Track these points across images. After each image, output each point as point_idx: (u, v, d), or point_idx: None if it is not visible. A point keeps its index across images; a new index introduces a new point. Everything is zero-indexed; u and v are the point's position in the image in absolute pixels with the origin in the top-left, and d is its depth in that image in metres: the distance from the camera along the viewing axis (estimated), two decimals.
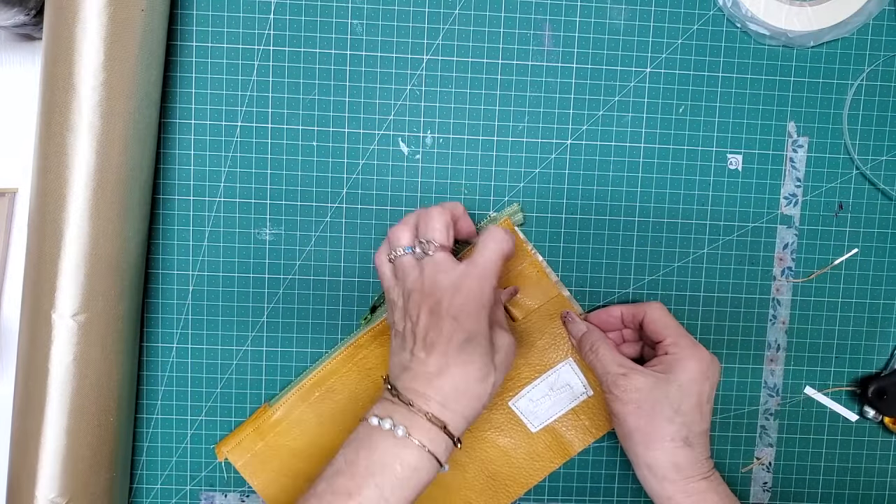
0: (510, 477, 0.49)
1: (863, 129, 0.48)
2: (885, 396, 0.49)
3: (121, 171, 0.41)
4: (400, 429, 0.36)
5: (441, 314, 0.37)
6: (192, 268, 0.48)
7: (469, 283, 0.38)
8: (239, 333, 0.48)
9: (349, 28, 0.46)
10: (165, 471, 0.49)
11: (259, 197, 0.47)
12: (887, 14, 0.48)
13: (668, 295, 0.49)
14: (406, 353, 0.39)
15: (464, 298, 0.38)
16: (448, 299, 0.38)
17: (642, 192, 0.48)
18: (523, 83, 0.47)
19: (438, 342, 0.37)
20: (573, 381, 0.48)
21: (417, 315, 0.38)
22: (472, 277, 0.38)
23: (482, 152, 0.48)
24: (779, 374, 0.50)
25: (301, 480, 0.48)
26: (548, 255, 0.48)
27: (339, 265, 0.48)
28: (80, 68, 0.39)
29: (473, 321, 0.38)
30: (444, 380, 0.37)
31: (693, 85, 0.47)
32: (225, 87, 0.46)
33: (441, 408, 0.37)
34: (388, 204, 0.48)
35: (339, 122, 0.47)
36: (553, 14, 0.47)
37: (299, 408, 0.47)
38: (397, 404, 0.38)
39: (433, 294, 0.38)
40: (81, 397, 0.42)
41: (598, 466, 0.50)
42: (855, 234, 0.49)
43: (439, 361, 0.37)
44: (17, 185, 0.48)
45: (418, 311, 0.38)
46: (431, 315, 0.38)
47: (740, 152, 0.48)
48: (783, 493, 0.51)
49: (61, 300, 0.40)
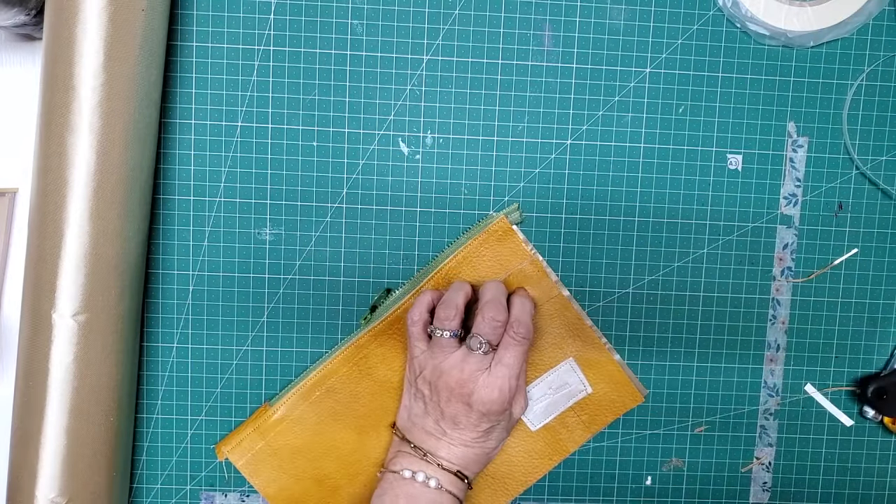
0: (509, 475, 0.49)
1: (863, 129, 0.48)
2: (885, 396, 0.49)
3: (121, 171, 0.41)
4: (433, 480, 0.42)
5: (472, 406, 0.42)
6: (192, 268, 0.48)
7: (503, 383, 0.42)
8: (239, 333, 0.48)
9: (349, 28, 0.46)
10: (165, 471, 0.49)
11: (259, 197, 0.47)
12: (887, 14, 0.48)
13: (668, 295, 0.49)
14: (429, 420, 0.44)
15: (495, 398, 0.42)
16: (479, 396, 0.42)
17: (642, 192, 0.48)
18: (523, 83, 0.47)
19: (467, 427, 0.43)
20: (573, 379, 0.48)
21: (448, 399, 0.42)
22: (506, 378, 0.42)
23: (482, 152, 0.48)
24: (779, 374, 0.50)
25: (302, 479, 0.48)
26: (548, 255, 0.48)
27: (339, 265, 0.48)
28: (81, 68, 0.39)
29: (499, 414, 0.42)
30: (466, 451, 0.43)
31: (693, 85, 0.48)
32: (225, 87, 0.46)
33: (462, 469, 0.43)
34: (388, 204, 0.48)
35: (339, 122, 0.47)
36: (553, 14, 0.47)
37: (300, 407, 0.47)
38: (425, 462, 0.43)
39: (467, 386, 0.42)
40: (81, 397, 0.42)
41: (598, 466, 0.50)
42: (855, 234, 0.49)
43: (463, 438, 0.43)
44: (17, 185, 0.48)
45: (449, 395, 0.42)
46: (464, 406, 0.42)
47: (740, 152, 0.48)
48: (783, 493, 0.51)
49: (61, 300, 0.40)
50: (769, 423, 0.50)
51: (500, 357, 0.42)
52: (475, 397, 0.41)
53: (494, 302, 0.42)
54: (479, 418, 0.42)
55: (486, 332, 0.42)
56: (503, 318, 0.42)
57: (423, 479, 0.42)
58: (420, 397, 0.44)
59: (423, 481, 0.42)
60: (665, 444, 0.50)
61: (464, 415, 0.42)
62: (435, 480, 0.42)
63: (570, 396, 0.48)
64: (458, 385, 0.42)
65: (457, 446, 0.43)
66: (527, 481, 0.49)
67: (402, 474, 0.43)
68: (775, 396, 0.50)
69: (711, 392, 0.50)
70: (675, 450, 0.50)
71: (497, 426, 0.43)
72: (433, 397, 0.43)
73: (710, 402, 0.50)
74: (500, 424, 0.43)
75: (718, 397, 0.50)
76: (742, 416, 0.50)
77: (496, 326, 0.42)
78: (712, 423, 0.50)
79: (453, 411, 0.42)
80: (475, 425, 0.42)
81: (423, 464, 0.43)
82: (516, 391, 0.43)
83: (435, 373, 0.43)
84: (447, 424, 0.43)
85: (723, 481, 0.51)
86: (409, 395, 0.46)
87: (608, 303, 0.49)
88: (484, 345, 0.42)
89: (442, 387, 0.42)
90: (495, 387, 0.41)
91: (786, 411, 0.50)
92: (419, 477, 0.42)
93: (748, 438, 0.51)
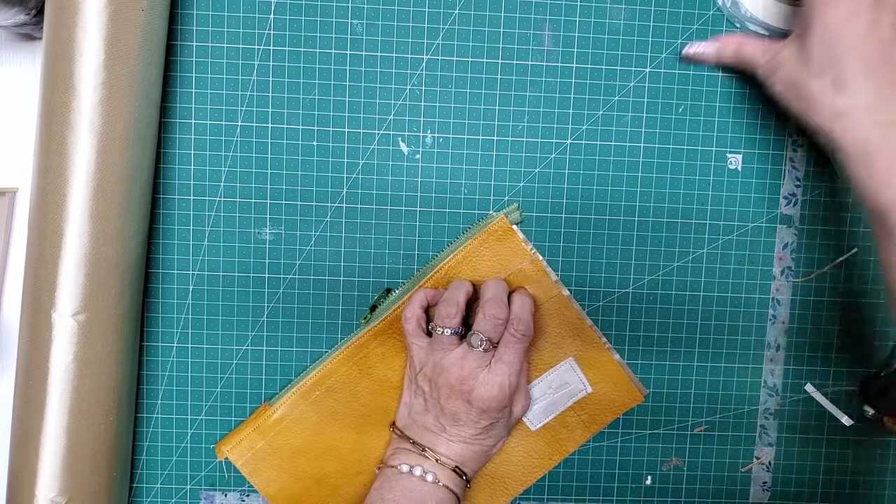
0: (509, 475, 0.49)
1: None
2: (885, 396, 0.49)
3: (121, 171, 0.41)
4: (430, 475, 0.42)
5: (472, 403, 0.42)
6: (192, 268, 0.48)
7: (503, 380, 0.42)
8: (239, 333, 0.48)
9: (349, 28, 0.46)
10: (165, 471, 0.49)
11: (259, 197, 0.47)
12: None
13: (668, 295, 0.49)
14: (429, 417, 0.44)
15: (495, 395, 0.42)
16: (479, 393, 0.42)
17: (642, 192, 0.48)
18: (523, 83, 0.47)
19: (466, 423, 0.43)
20: (573, 379, 0.48)
21: (448, 396, 0.42)
22: (505, 375, 0.42)
23: (482, 152, 0.48)
24: (779, 374, 0.50)
25: (301, 479, 0.48)
26: (548, 255, 0.48)
27: (339, 265, 0.48)
28: (81, 68, 0.39)
29: (499, 411, 0.42)
30: (465, 448, 0.43)
31: (693, 85, 0.48)
32: (225, 87, 0.46)
33: (461, 465, 0.43)
34: (388, 204, 0.48)
35: (339, 122, 0.47)
36: (553, 14, 0.47)
37: (300, 407, 0.47)
38: (424, 458, 0.43)
39: (468, 383, 0.42)
40: (81, 397, 0.42)
41: (597, 466, 0.50)
42: (855, 234, 0.49)
43: (462, 435, 0.43)
44: (17, 185, 0.48)
45: (449, 392, 0.42)
46: (464, 402, 0.42)
47: (740, 152, 0.48)
48: (783, 493, 0.51)
49: (61, 300, 0.40)
50: (769, 423, 0.50)
51: (501, 354, 0.42)
52: (475, 394, 0.41)
53: (496, 299, 0.43)
54: (478, 415, 0.42)
55: (487, 330, 0.42)
56: (504, 315, 0.42)
57: (420, 474, 0.42)
58: (420, 394, 0.44)
59: (420, 475, 0.42)
60: (665, 444, 0.50)
61: (464, 412, 0.42)
62: (432, 475, 0.42)
63: (569, 396, 0.48)
64: (459, 382, 0.42)
65: (456, 443, 0.43)
66: (527, 481, 0.49)
67: (400, 469, 0.43)
68: (775, 396, 0.50)
69: (711, 392, 0.50)
70: (675, 450, 0.50)
71: (497, 424, 0.43)
72: (433, 394, 0.43)
73: (710, 402, 0.50)
74: (500, 422, 0.44)
75: (718, 397, 0.50)
76: (742, 416, 0.50)
77: (497, 324, 0.42)
78: (712, 423, 0.50)
79: (453, 408, 0.42)
80: (475, 422, 0.42)
81: (422, 459, 0.43)
82: (517, 389, 0.43)
83: (435, 370, 0.43)
84: (447, 421, 0.43)
85: (723, 481, 0.51)
86: (409, 392, 0.46)
87: (608, 303, 0.49)
88: (485, 342, 0.42)
89: (442, 384, 0.42)
90: (495, 384, 0.41)
91: (786, 411, 0.50)
92: (416, 471, 0.42)
93: (748, 438, 0.51)
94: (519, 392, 0.44)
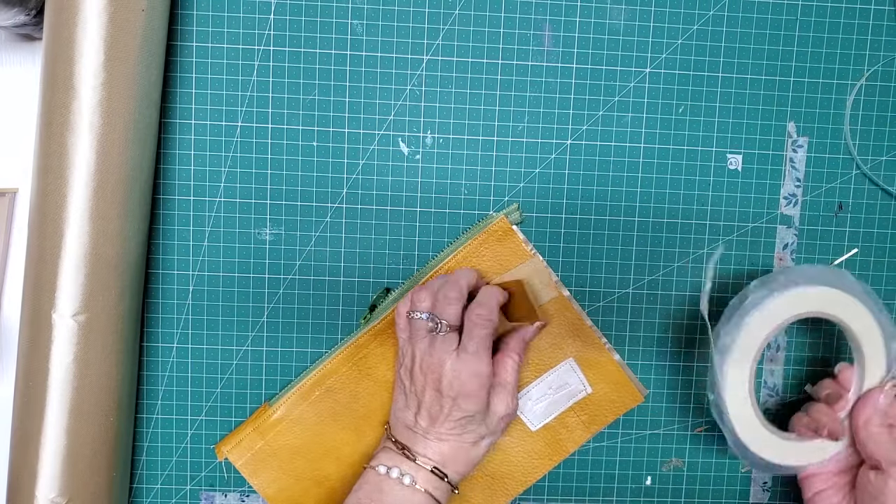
0: (509, 475, 0.49)
1: (863, 129, 0.48)
2: None
3: (121, 171, 0.41)
4: (407, 477, 0.42)
5: (443, 393, 0.41)
6: (192, 268, 0.48)
7: (469, 367, 0.41)
8: (239, 333, 0.48)
9: (349, 28, 0.46)
10: (165, 471, 0.49)
11: (259, 197, 0.47)
12: (887, 14, 0.48)
13: (668, 295, 0.49)
14: (409, 413, 0.43)
15: (464, 382, 0.41)
16: (448, 380, 0.41)
17: (642, 192, 0.48)
18: (523, 83, 0.47)
19: (439, 417, 0.42)
20: (573, 379, 0.48)
21: (423, 387, 0.42)
22: (471, 363, 0.41)
23: (482, 152, 0.48)
24: (779, 374, 0.50)
25: (301, 479, 0.48)
26: (548, 255, 0.48)
27: (339, 265, 0.48)
28: (81, 68, 0.39)
29: (472, 402, 0.41)
30: (442, 446, 0.42)
31: (693, 85, 0.48)
32: (225, 87, 0.46)
33: (440, 466, 0.42)
34: (388, 204, 0.48)
35: (339, 122, 0.47)
36: (553, 14, 0.47)
37: (299, 407, 0.47)
38: (403, 458, 0.42)
39: (437, 371, 0.41)
40: (81, 397, 0.42)
41: (597, 466, 0.50)
42: (855, 234, 0.49)
43: (438, 431, 0.42)
44: (17, 185, 0.48)
45: (424, 382, 0.42)
46: (435, 392, 0.42)
47: (740, 152, 0.48)
48: (783, 493, 0.51)
49: (61, 300, 0.40)
50: None
51: (465, 342, 0.42)
52: (444, 382, 0.41)
53: (451, 281, 0.43)
54: (451, 406, 0.41)
55: (440, 310, 0.42)
56: (454, 294, 0.42)
57: (396, 476, 0.42)
58: (402, 389, 0.44)
59: (396, 478, 0.42)
60: (665, 444, 0.50)
61: (436, 402, 0.42)
62: (409, 477, 0.41)
63: (570, 396, 0.48)
64: (430, 370, 0.42)
65: (433, 440, 0.42)
66: (526, 481, 0.49)
67: (378, 470, 0.42)
68: (775, 396, 0.50)
69: None
70: (675, 450, 0.50)
71: (473, 419, 0.42)
72: (412, 387, 0.43)
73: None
74: (477, 417, 0.42)
75: None
76: None
77: (449, 302, 0.42)
78: (712, 423, 0.50)
79: (428, 400, 0.42)
80: (447, 415, 0.42)
81: (401, 459, 0.42)
82: (498, 385, 0.43)
83: (414, 361, 0.43)
84: (423, 417, 0.42)
85: (723, 481, 0.51)
86: (396, 389, 0.46)
87: (608, 303, 0.49)
88: (441, 325, 0.42)
89: (417, 373, 0.42)
90: (461, 370, 0.41)
91: (786, 411, 0.50)
92: (393, 473, 0.42)
93: None
94: (501, 389, 0.43)
